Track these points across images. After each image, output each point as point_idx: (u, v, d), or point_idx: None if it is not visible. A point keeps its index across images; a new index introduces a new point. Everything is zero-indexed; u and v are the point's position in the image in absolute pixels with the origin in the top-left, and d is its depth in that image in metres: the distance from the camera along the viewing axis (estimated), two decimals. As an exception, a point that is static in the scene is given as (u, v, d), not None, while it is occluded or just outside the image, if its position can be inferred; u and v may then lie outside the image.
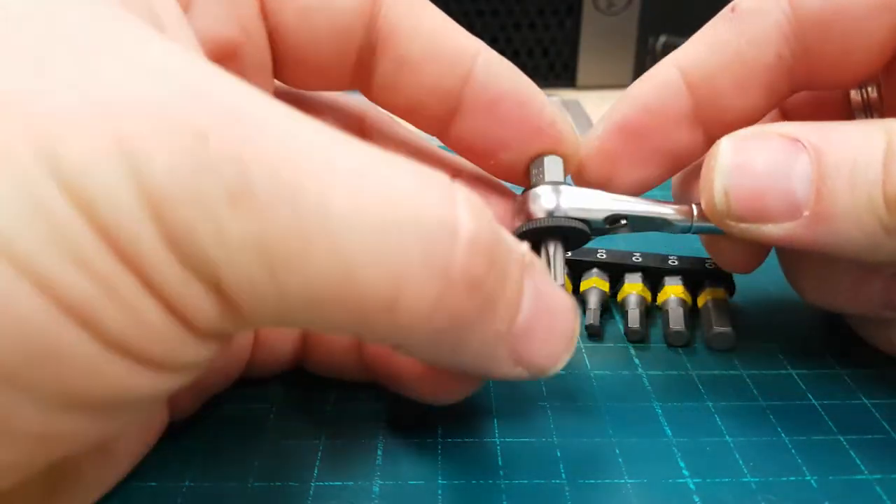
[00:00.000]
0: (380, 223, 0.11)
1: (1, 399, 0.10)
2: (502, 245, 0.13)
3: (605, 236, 0.20)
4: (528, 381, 0.21)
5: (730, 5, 0.19)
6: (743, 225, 0.17)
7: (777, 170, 0.16)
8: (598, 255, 0.26)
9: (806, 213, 0.16)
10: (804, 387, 0.21)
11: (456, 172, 0.21)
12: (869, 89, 0.21)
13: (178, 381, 0.12)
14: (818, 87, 0.20)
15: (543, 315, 0.14)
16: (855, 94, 0.21)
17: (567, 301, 0.15)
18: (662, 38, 0.53)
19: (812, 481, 0.17)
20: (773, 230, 0.17)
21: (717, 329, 0.22)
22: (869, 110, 0.21)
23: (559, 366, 0.15)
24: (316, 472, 0.18)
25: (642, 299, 0.24)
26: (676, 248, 0.26)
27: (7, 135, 0.09)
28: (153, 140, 0.10)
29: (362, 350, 0.19)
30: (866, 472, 0.18)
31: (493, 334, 0.14)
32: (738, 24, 0.19)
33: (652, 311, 0.25)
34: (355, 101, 0.20)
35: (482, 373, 0.15)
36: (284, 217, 0.10)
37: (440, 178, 0.12)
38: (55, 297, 0.10)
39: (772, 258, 0.22)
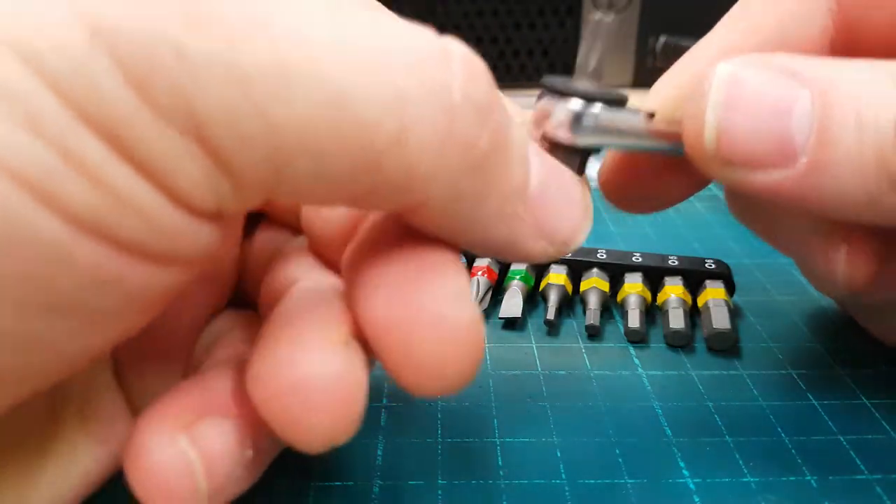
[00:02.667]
0: (367, 49, 0.10)
1: None
2: (497, 92, 0.12)
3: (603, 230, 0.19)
4: (527, 382, 0.21)
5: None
6: (728, 169, 0.15)
7: (776, 108, 0.14)
8: (598, 255, 0.26)
9: (803, 160, 0.14)
10: (804, 387, 0.21)
11: None
12: None
13: (173, 276, 0.11)
14: (854, 54, 0.17)
15: (554, 179, 0.14)
16: None
17: (570, 171, 0.14)
18: (662, 38, 0.53)
19: (812, 481, 0.17)
20: (762, 178, 0.15)
21: (717, 329, 0.22)
22: None
23: (581, 237, 0.14)
24: (316, 472, 0.18)
25: (642, 299, 0.24)
26: (676, 248, 0.26)
27: None
28: None
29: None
30: (866, 472, 0.18)
31: (511, 189, 0.12)
32: (780, 2, 0.17)
33: (652, 311, 0.25)
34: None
35: (507, 250, 0.13)
36: (257, 39, 0.09)
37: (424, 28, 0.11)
38: (7, 169, 0.09)
39: (770, 256, 0.22)
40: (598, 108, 0.15)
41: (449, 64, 0.11)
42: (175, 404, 0.13)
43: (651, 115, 0.16)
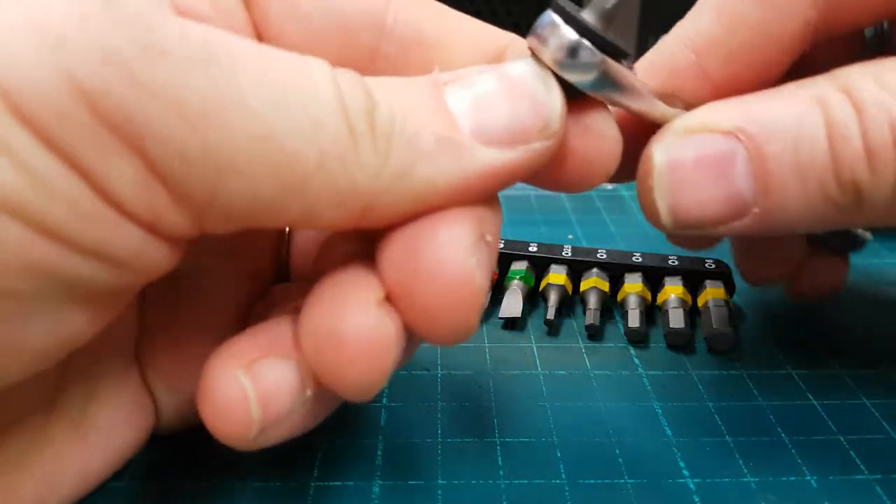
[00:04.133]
0: (288, 87, 0.11)
1: None
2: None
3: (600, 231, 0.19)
4: (527, 382, 0.21)
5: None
6: (690, 232, 0.16)
7: (717, 175, 0.15)
8: (598, 255, 0.26)
9: (756, 210, 0.15)
10: (804, 387, 0.21)
11: None
12: (884, 25, 0.20)
13: (109, 276, 0.12)
14: (837, 34, 0.18)
15: (493, 97, 0.14)
16: (868, 31, 0.20)
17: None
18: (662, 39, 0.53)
19: (812, 481, 0.17)
20: (722, 231, 0.16)
21: (717, 329, 0.22)
22: (882, 44, 0.20)
23: (551, 117, 0.14)
24: (316, 472, 0.18)
25: (642, 299, 0.24)
26: (676, 248, 0.26)
27: None
28: (61, 8, 0.10)
29: None
30: (866, 472, 0.18)
31: (436, 140, 0.13)
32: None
33: (652, 311, 0.25)
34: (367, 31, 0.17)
35: (461, 190, 0.13)
36: (198, 74, 0.11)
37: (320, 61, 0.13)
38: None
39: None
40: (595, 50, 0.15)
41: (340, 91, 0.12)
42: (242, 345, 0.14)
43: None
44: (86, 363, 0.16)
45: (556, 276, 0.25)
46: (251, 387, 0.13)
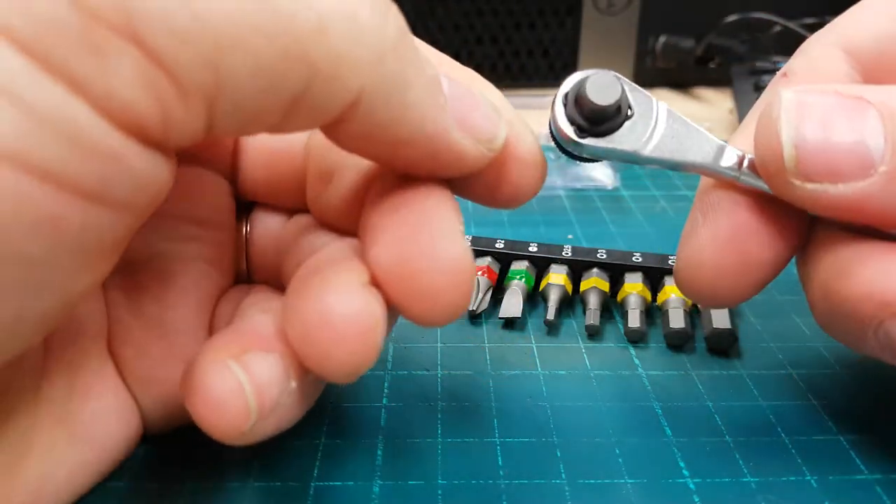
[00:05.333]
0: None
1: None
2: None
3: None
4: (527, 382, 0.21)
5: (781, 71, 0.18)
6: (809, 185, 0.15)
7: (848, 123, 0.15)
8: (598, 255, 0.26)
9: (882, 168, 0.14)
10: (804, 387, 0.21)
11: None
12: None
13: (115, 220, 0.11)
14: None
15: (462, 87, 0.15)
16: None
17: (476, 88, 0.15)
18: (662, 39, 0.53)
19: (812, 481, 0.17)
20: (841, 191, 0.15)
21: (717, 329, 0.22)
22: None
23: (500, 134, 0.15)
24: (316, 472, 0.18)
25: (642, 299, 0.24)
26: (677, 248, 0.26)
27: None
28: None
29: None
30: (866, 472, 0.18)
31: (427, 77, 0.13)
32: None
33: (652, 311, 0.25)
34: None
35: (440, 149, 0.14)
36: None
37: None
38: None
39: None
40: (587, 141, 0.16)
41: None
42: (223, 341, 0.14)
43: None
44: (63, 355, 0.16)
45: (556, 276, 0.25)
46: (245, 377, 0.13)
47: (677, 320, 0.23)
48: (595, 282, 0.25)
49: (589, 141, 0.16)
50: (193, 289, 0.18)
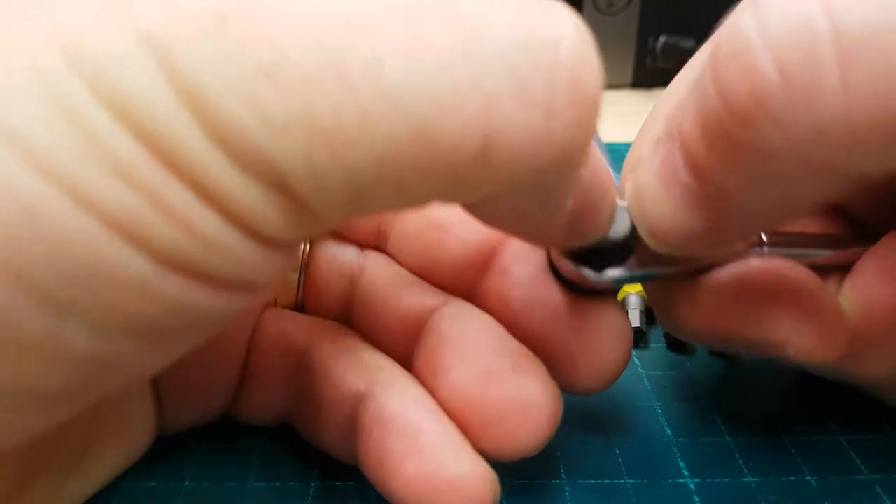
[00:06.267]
0: (449, 58, 0.09)
1: (50, 325, 0.09)
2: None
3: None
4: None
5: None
6: (698, 243, 0.14)
7: (665, 173, 0.14)
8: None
9: (701, 195, 0.13)
10: (804, 386, 0.21)
11: None
12: None
13: (244, 299, 0.11)
14: None
15: (597, 182, 0.13)
16: None
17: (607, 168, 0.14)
18: (662, 38, 0.53)
19: (812, 481, 0.17)
20: (715, 235, 0.14)
21: (717, 329, 0.22)
22: None
23: (601, 235, 0.15)
24: (316, 472, 0.18)
25: (642, 299, 0.24)
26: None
27: (27, 33, 0.09)
28: (175, 27, 0.09)
29: (358, 441, 0.16)
30: (866, 472, 0.18)
31: (573, 185, 0.12)
32: None
33: (652, 311, 0.25)
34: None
35: (541, 238, 0.14)
36: (329, 84, 0.09)
37: None
38: (99, 213, 0.09)
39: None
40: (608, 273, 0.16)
41: (556, 54, 0.10)
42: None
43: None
44: None
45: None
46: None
47: (677, 320, 0.23)
48: (595, 282, 0.25)
49: (610, 274, 0.16)
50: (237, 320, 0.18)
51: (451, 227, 0.17)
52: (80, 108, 0.09)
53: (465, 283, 0.17)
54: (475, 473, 0.14)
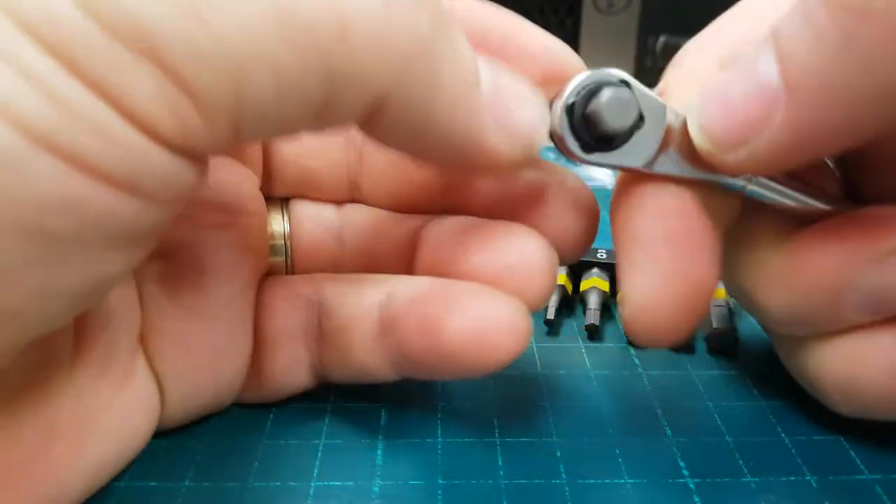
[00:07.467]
0: None
1: None
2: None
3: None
4: (527, 382, 0.21)
5: (657, 89, 0.18)
6: (737, 154, 0.14)
7: (743, 74, 0.14)
8: (598, 256, 0.26)
9: (782, 92, 0.13)
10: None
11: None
12: None
13: (141, 210, 0.11)
14: None
15: (506, 78, 0.14)
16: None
17: (522, 76, 0.15)
18: (662, 38, 0.53)
19: (812, 481, 0.17)
20: (766, 139, 0.14)
21: (717, 329, 0.22)
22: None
23: (542, 134, 0.15)
24: (316, 472, 0.18)
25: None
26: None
27: None
28: None
29: (393, 335, 0.17)
30: (866, 472, 0.18)
31: (462, 76, 0.13)
32: None
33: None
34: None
35: (472, 149, 0.14)
36: None
37: None
38: (5, 113, 0.09)
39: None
40: (593, 157, 0.15)
41: None
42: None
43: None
44: (95, 348, 0.16)
45: (557, 276, 0.25)
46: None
47: (677, 320, 0.23)
48: (595, 282, 0.25)
49: (595, 157, 0.15)
50: (230, 274, 0.18)
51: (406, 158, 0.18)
52: None
53: (436, 203, 0.19)
54: (511, 306, 0.16)
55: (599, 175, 0.38)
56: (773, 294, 0.17)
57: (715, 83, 0.15)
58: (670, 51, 0.54)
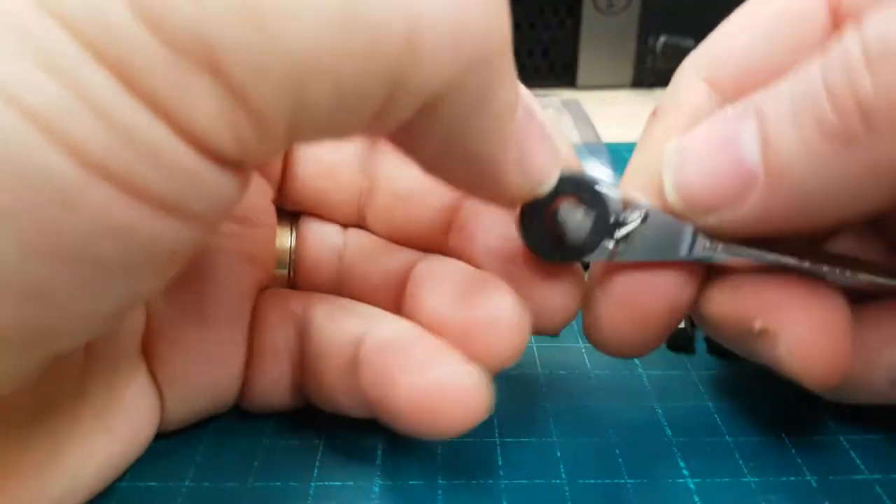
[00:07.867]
0: None
1: (16, 257, 0.09)
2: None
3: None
4: (527, 382, 0.21)
5: (653, 110, 0.18)
6: (711, 217, 0.15)
7: (725, 142, 0.15)
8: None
9: (760, 174, 0.14)
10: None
11: None
12: None
13: (187, 232, 0.11)
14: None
15: (535, 124, 0.14)
16: None
17: (544, 115, 0.15)
18: (662, 38, 0.53)
19: (812, 481, 0.17)
20: (737, 212, 0.15)
21: (717, 329, 0.22)
22: None
23: (550, 179, 0.15)
24: (316, 472, 0.18)
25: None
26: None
27: None
28: None
29: (358, 377, 0.16)
30: (866, 472, 0.18)
31: (506, 100, 0.13)
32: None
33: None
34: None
35: (489, 177, 0.14)
36: None
37: None
38: (19, 106, 0.09)
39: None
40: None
41: None
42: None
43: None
44: (104, 351, 0.16)
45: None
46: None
47: (677, 320, 0.23)
48: (595, 282, 0.25)
49: (559, 259, 0.17)
50: (232, 282, 0.18)
51: (412, 196, 0.18)
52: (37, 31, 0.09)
53: (435, 243, 0.19)
54: (468, 376, 0.15)
55: (598, 176, 0.38)
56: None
57: (693, 142, 0.15)
58: (670, 51, 0.54)
